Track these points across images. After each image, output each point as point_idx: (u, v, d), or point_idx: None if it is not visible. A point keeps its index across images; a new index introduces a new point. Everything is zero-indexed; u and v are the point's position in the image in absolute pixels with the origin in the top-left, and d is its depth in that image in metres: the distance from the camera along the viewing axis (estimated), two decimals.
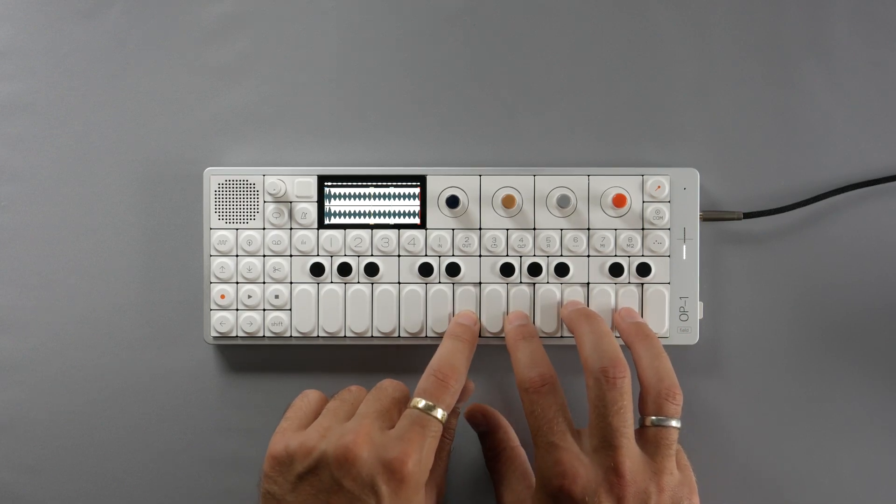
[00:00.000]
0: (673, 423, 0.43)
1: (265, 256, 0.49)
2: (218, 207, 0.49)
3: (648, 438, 0.43)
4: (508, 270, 0.49)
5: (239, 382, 0.51)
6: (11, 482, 0.51)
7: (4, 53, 0.51)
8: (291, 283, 0.49)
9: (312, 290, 0.49)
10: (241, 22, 0.51)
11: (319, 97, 0.51)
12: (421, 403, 0.42)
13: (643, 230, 0.49)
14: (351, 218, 0.49)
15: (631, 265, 0.49)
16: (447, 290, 0.49)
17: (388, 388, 0.44)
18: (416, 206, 0.49)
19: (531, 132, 0.51)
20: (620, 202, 0.48)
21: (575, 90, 0.51)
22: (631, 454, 0.42)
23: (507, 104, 0.51)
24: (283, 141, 0.51)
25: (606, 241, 0.49)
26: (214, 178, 0.49)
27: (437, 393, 0.42)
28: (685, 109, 0.51)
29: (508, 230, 0.49)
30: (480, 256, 0.49)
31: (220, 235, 0.49)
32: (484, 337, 0.49)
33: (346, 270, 0.49)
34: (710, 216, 0.49)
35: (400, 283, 0.49)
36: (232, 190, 0.49)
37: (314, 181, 0.49)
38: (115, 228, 0.51)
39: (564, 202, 0.48)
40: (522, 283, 0.49)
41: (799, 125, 0.51)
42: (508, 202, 0.48)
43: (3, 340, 0.51)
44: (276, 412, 0.46)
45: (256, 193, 0.49)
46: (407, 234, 0.49)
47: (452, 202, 0.48)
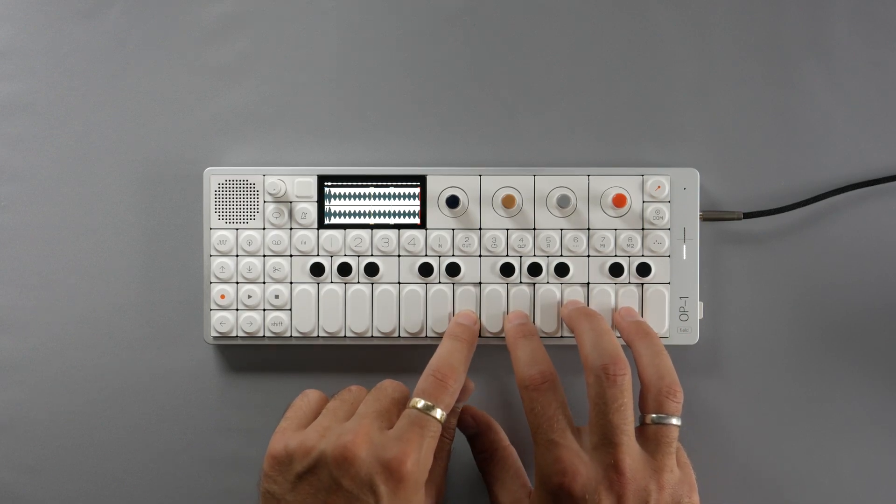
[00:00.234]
0: (673, 420, 0.43)
1: (265, 256, 0.49)
2: (218, 207, 0.49)
3: (649, 436, 0.43)
4: (508, 270, 0.49)
5: (239, 382, 0.51)
6: (11, 482, 0.51)
7: (4, 53, 0.51)
8: (291, 283, 0.49)
9: (312, 290, 0.49)
10: (241, 22, 0.51)
11: (319, 97, 0.51)
12: (420, 403, 0.42)
13: (643, 230, 0.49)
14: (351, 218, 0.49)
15: (631, 265, 0.49)
16: (447, 290, 0.49)
17: (387, 388, 0.44)
18: (416, 206, 0.49)
19: (531, 132, 0.51)
20: (620, 202, 0.48)
21: (575, 90, 0.51)
22: (631, 451, 0.42)
23: (507, 104, 0.51)
24: (283, 141, 0.51)
25: (606, 241, 0.49)
26: (214, 178, 0.49)
27: (435, 393, 0.42)
28: (685, 109, 0.51)
29: (508, 230, 0.49)
30: (480, 256, 0.49)
31: (220, 235, 0.49)
32: (484, 337, 0.49)
33: (346, 270, 0.49)
34: (710, 216, 0.49)
35: (400, 283, 0.49)
36: (232, 190, 0.49)
37: (314, 181, 0.49)
38: (115, 228, 0.51)
39: (564, 202, 0.48)
40: (522, 283, 0.49)
41: (799, 125, 0.51)
42: (508, 202, 0.48)
43: (3, 340, 0.51)
44: (276, 412, 0.46)
45: (256, 193, 0.49)
46: (407, 234, 0.49)
47: (452, 202, 0.48)
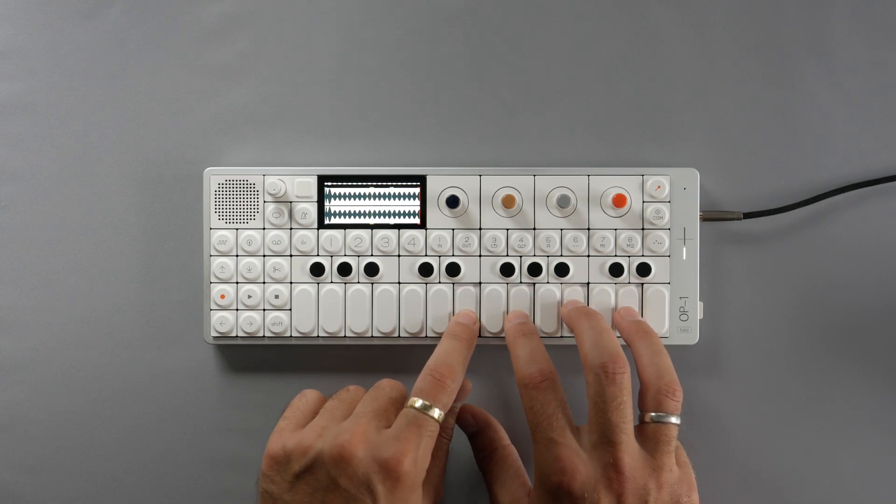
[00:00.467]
0: (673, 419, 0.43)
1: (265, 256, 0.49)
2: (218, 207, 0.49)
3: (648, 435, 0.43)
4: (508, 270, 0.49)
5: (239, 382, 0.51)
6: (11, 482, 0.51)
7: (4, 53, 0.51)
8: (291, 283, 0.49)
9: (312, 290, 0.49)
10: (241, 22, 0.51)
11: (319, 97, 0.51)
12: (418, 403, 0.42)
13: (643, 230, 0.49)
14: (351, 218, 0.49)
15: (631, 265, 0.49)
16: (447, 290, 0.49)
17: (385, 387, 0.44)
18: (416, 206, 0.49)
19: (531, 132, 0.51)
20: (620, 202, 0.48)
21: (575, 90, 0.51)
22: (630, 450, 0.42)
23: (507, 104, 0.51)
24: (283, 141, 0.51)
25: (606, 241, 0.49)
26: (214, 178, 0.49)
27: (433, 392, 0.42)
28: (685, 109, 0.51)
29: (508, 230, 0.49)
30: (480, 256, 0.49)
31: (220, 235, 0.49)
32: (484, 337, 0.49)
33: (346, 270, 0.49)
34: (710, 216, 0.49)
35: (400, 283, 0.49)
36: (232, 190, 0.49)
37: (314, 181, 0.49)
38: (115, 228, 0.51)
39: (564, 202, 0.48)
40: (522, 283, 0.49)
41: (799, 125, 0.51)
42: (508, 202, 0.48)
43: (3, 340, 0.51)
44: (275, 412, 0.46)
45: (256, 193, 0.49)
46: (407, 234, 0.49)
47: (452, 202, 0.48)
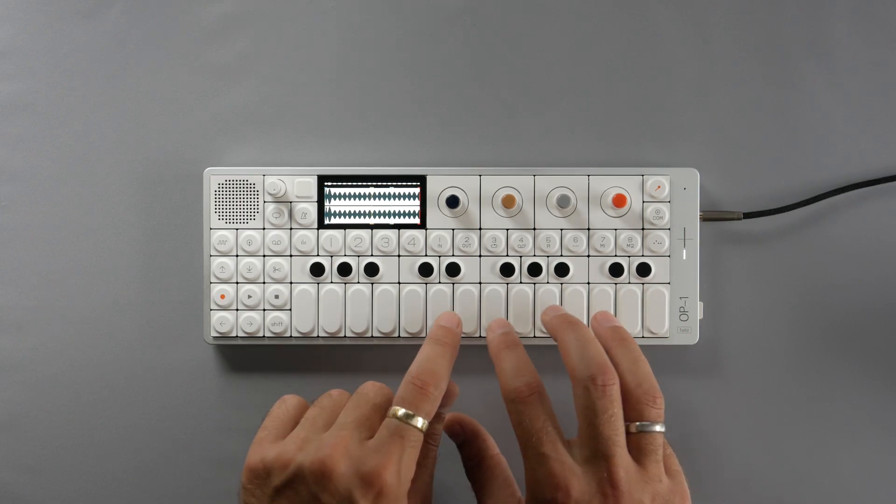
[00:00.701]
0: (657, 427, 0.42)
1: (265, 256, 0.49)
2: (218, 207, 0.49)
3: (633, 446, 0.42)
4: (508, 270, 0.49)
5: (239, 382, 0.51)
6: (11, 482, 0.51)
7: (4, 53, 0.51)
8: (291, 283, 0.49)
9: (312, 290, 0.49)
10: (241, 22, 0.51)
11: (319, 97, 0.51)
12: (400, 412, 0.41)
13: (643, 230, 0.49)
14: (351, 218, 0.49)
15: (631, 265, 0.49)
16: (447, 290, 0.49)
17: (369, 393, 0.43)
18: (416, 206, 0.49)
19: (531, 132, 0.51)
20: (620, 202, 0.48)
21: (575, 90, 0.51)
22: (624, 464, 0.41)
23: (507, 104, 0.51)
24: (283, 141, 0.51)
25: (606, 241, 0.49)
26: (214, 178, 0.49)
27: (415, 401, 0.41)
28: (685, 109, 0.51)
29: (508, 230, 0.49)
30: (480, 256, 0.49)
31: (220, 235, 0.49)
32: (483, 337, 0.49)
33: (346, 270, 0.49)
34: (710, 216, 0.49)
35: (400, 283, 0.49)
36: (232, 190, 0.49)
37: (314, 181, 0.49)
38: (115, 228, 0.51)
39: (564, 202, 0.48)
40: (522, 283, 0.49)
41: (799, 125, 0.51)
42: (508, 202, 0.48)
43: (3, 340, 0.51)
44: None
45: (256, 193, 0.49)
46: (407, 234, 0.49)
47: (452, 202, 0.48)
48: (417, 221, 0.49)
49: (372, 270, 0.49)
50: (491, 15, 0.51)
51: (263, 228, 0.49)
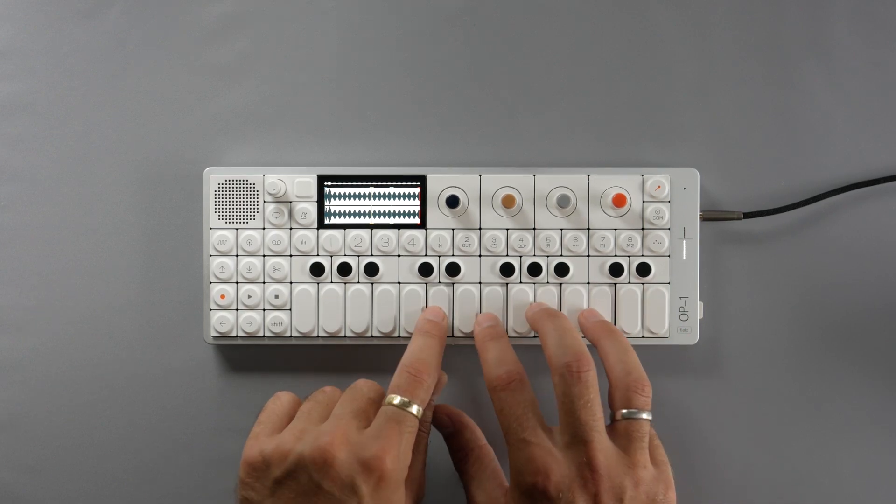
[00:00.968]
0: (644, 415, 0.42)
1: (265, 256, 0.49)
2: (218, 207, 0.49)
3: (620, 432, 0.42)
4: (508, 270, 0.49)
5: (239, 382, 0.51)
6: (11, 482, 0.51)
7: (4, 53, 0.51)
8: (291, 283, 0.49)
9: (312, 290, 0.49)
10: (241, 22, 0.51)
11: (319, 97, 0.51)
12: (396, 400, 0.42)
13: (643, 230, 0.49)
14: (351, 218, 0.49)
15: (631, 265, 0.49)
16: (447, 290, 0.49)
17: (362, 387, 0.44)
18: (416, 206, 0.49)
19: (531, 132, 0.51)
20: (620, 202, 0.48)
21: (575, 90, 0.51)
22: (604, 448, 0.41)
23: (507, 104, 0.51)
24: (283, 141, 0.51)
25: (606, 241, 0.49)
26: (214, 178, 0.49)
27: (411, 388, 0.42)
28: (685, 109, 0.51)
29: (508, 230, 0.49)
30: (480, 256, 0.49)
31: (220, 235, 0.49)
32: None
33: (345, 270, 0.49)
34: (710, 216, 0.49)
35: (400, 283, 0.49)
36: (232, 190, 0.49)
37: (314, 181, 0.49)
38: (115, 228, 0.51)
39: (564, 202, 0.48)
40: (522, 283, 0.49)
41: (799, 125, 0.51)
42: (508, 202, 0.48)
43: (3, 340, 0.51)
44: None
45: (256, 193, 0.49)
46: (407, 234, 0.49)
47: (452, 202, 0.48)
48: (417, 221, 0.49)
49: (372, 270, 0.49)
50: (491, 15, 0.51)
51: (263, 228, 0.49)
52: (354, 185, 0.49)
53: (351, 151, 0.51)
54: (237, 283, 0.49)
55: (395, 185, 0.49)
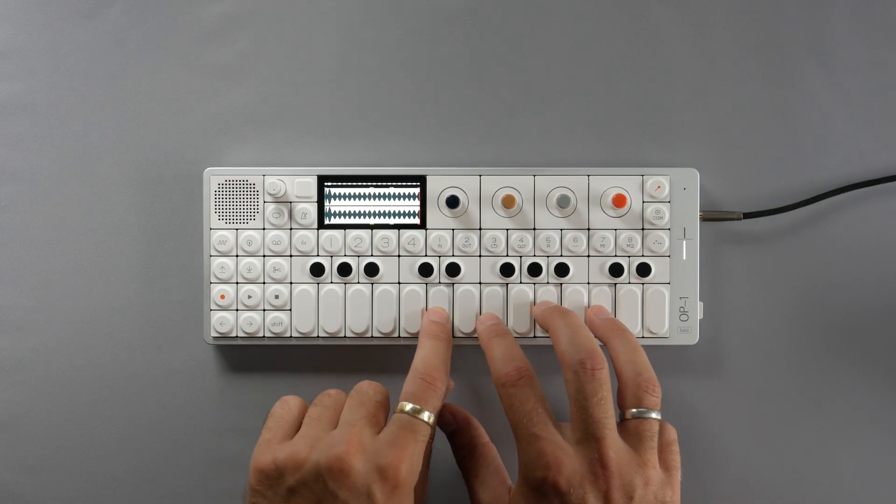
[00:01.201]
0: (653, 414, 0.42)
1: (265, 256, 0.49)
2: (218, 207, 0.49)
3: (630, 431, 0.42)
4: (508, 270, 0.49)
5: (239, 382, 0.51)
6: (11, 482, 0.51)
7: (4, 53, 0.51)
8: (291, 283, 0.49)
9: (312, 290, 0.49)
10: (241, 22, 0.51)
11: (319, 97, 0.51)
12: (408, 407, 0.42)
13: (643, 230, 0.49)
14: (351, 218, 0.49)
15: (631, 265, 0.49)
16: (447, 290, 0.49)
17: (368, 391, 0.43)
18: (416, 206, 0.49)
19: (531, 132, 0.51)
20: (620, 202, 0.48)
21: (575, 90, 0.51)
22: (615, 445, 0.41)
23: (507, 104, 0.51)
24: (283, 141, 0.51)
25: (606, 241, 0.49)
26: (214, 178, 0.49)
27: (424, 396, 0.42)
28: (685, 109, 0.51)
29: (508, 230, 0.49)
30: (480, 256, 0.49)
31: (220, 235, 0.49)
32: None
33: (346, 270, 0.49)
34: (710, 216, 0.49)
35: (400, 283, 0.49)
36: (232, 190, 0.49)
37: (314, 181, 0.49)
38: (115, 228, 0.51)
39: (564, 202, 0.48)
40: (522, 283, 0.49)
41: (799, 125, 0.51)
42: (508, 202, 0.48)
43: (3, 340, 0.51)
44: None
45: (256, 193, 0.49)
46: (407, 234, 0.49)
47: (452, 202, 0.48)
48: (417, 221, 0.49)
49: (372, 270, 0.49)
50: (491, 15, 0.51)
51: (263, 228, 0.49)
52: (354, 185, 0.49)
53: (351, 151, 0.51)
54: (237, 283, 0.49)
55: (395, 185, 0.49)
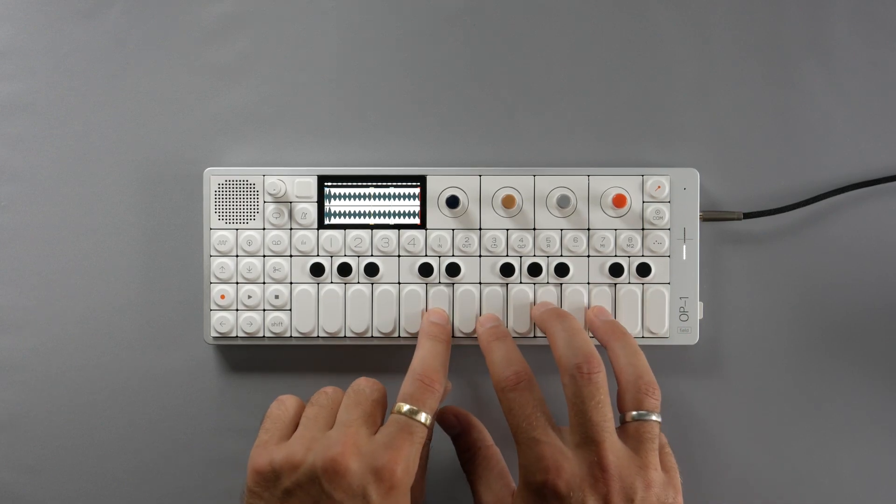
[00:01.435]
0: (653, 417, 0.42)
1: (265, 257, 0.49)
2: (218, 207, 0.49)
3: (630, 433, 0.42)
4: (508, 270, 0.49)
5: (239, 382, 0.51)
6: (11, 482, 0.51)
7: (4, 53, 0.51)
8: (291, 283, 0.49)
9: (312, 290, 0.49)
10: (241, 22, 0.51)
11: (319, 97, 0.51)
12: (405, 408, 0.41)
13: (643, 230, 0.49)
14: (351, 218, 0.49)
15: (631, 265, 0.49)
16: (447, 290, 0.49)
17: (365, 389, 0.43)
18: (416, 206, 0.49)
19: (531, 132, 0.51)
20: (620, 202, 0.48)
21: (575, 90, 0.51)
22: (614, 448, 0.41)
23: (507, 104, 0.51)
24: (283, 141, 0.51)
25: (606, 241, 0.49)
26: (214, 178, 0.49)
27: (421, 397, 0.42)
28: (685, 109, 0.51)
29: (508, 230, 0.49)
30: (480, 256, 0.49)
31: (220, 235, 0.49)
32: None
33: (346, 270, 0.49)
34: (710, 216, 0.49)
35: (400, 283, 0.49)
36: (232, 190, 0.49)
37: (314, 181, 0.49)
38: (115, 228, 0.51)
39: (564, 202, 0.48)
40: (522, 283, 0.49)
41: (799, 125, 0.51)
42: (508, 202, 0.48)
43: (3, 340, 0.51)
44: None
45: (256, 193, 0.49)
46: (407, 234, 0.49)
47: (452, 202, 0.48)
48: (417, 221, 0.49)
49: (372, 271, 0.49)
50: (491, 15, 0.51)
51: (263, 229, 0.49)
52: (354, 185, 0.49)
53: (351, 151, 0.51)
54: (237, 283, 0.49)
55: (395, 185, 0.49)
